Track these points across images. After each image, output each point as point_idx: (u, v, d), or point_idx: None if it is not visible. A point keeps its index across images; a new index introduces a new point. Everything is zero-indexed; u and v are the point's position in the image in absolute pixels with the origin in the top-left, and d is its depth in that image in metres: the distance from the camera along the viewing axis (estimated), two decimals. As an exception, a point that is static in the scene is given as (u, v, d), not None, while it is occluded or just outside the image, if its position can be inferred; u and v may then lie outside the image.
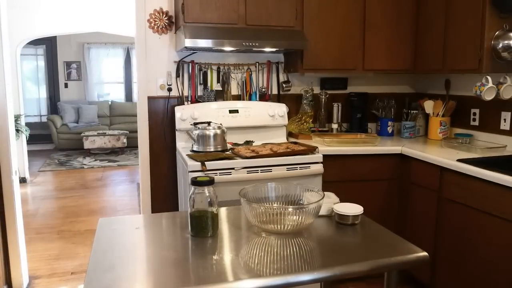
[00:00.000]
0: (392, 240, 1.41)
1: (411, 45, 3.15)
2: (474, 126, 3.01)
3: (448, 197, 2.43)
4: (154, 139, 3.13)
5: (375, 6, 3.07)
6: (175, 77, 3.11)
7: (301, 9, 2.95)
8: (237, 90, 3.24)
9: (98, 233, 1.44)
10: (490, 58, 2.51)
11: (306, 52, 2.98)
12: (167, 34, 3.07)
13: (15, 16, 5.80)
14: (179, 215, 1.66)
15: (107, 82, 9.64)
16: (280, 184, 1.63)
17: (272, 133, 3.14)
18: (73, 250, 3.61)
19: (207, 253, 1.29)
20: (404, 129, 3.25)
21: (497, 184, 2.06)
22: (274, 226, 1.40)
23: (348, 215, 1.51)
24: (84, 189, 5.70)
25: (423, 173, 2.63)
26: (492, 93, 2.60)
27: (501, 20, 2.48)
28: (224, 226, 1.51)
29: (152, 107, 3.11)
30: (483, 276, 2.21)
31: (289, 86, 3.26)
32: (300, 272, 1.17)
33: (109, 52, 9.46)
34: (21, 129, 6.11)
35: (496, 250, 2.12)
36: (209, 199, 1.37)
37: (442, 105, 3.11)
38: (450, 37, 2.77)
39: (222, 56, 3.17)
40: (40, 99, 9.58)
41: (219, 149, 2.66)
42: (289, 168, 2.55)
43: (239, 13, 2.81)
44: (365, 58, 3.12)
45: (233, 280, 1.12)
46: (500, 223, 2.07)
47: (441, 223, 2.50)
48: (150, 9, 3.01)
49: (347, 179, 2.80)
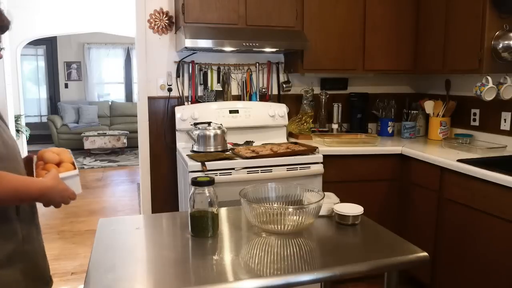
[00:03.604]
0: (392, 240, 1.41)
1: (412, 46, 3.15)
2: (474, 126, 3.01)
3: (448, 197, 2.43)
4: (154, 139, 3.13)
5: (375, 6, 3.07)
6: (175, 77, 3.11)
7: (301, 9, 2.95)
8: (237, 90, 3.24)
9: (99, 233, 1.45)
10: (490, 59, 2.51)
11: (306, 53, 2.98)
12: (167, 34, 3.07)
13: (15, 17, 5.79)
14: (179, 215, 1.66)
15: (108, 82, 9.64)
16: (280, 184, 1.63)
17: (272, 133, 3.14)
18: (73, 251, 3.61)
19: (207, 253, 1.29)
20: (404, 129, 3.24)
21: (498, 184, 2.06)
22: (274, 226, 1.40)
23: (348, 215, 1.51)
24: (84, 189, 5.70)
25: (424, 173, 2.63)
26: (492, 93, 2.60)
27: (501, 21, 2.48)
28: (224, 226, 1.51)
29: (152, 107, 3.11)
30: (483, 276, 2.21)
31: (289, 86, 3.27)
32: (300, 272, 1.17)
33: (109, 52, 9.46)
34: (22, 129, 6.11)
35: (496, 250, 2.12)
36: (210, 199, 1.37)
37: (442, 105, 3.10)
38: (451, 38, 2.77)
39: (222, 56, 3.17)
40: (40, 99, 9.58)
41: (219, 149, 2.66)
42: (289, 168, 2.55)
43: (239, 13, 2.81)
44: (365, 58, 3.12)
45: (233, 280, 1.12)
46: (500, 223, 2.07)
47: (441, 223, 2.50)
48: (150, 9, 3.01)
49: (347, 179, 2.80)
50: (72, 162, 1.41)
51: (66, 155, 1.43)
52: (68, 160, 1.41)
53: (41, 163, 1.38)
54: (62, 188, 1.24)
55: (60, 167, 1.37)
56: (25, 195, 1.17)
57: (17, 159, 1.33)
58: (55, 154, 1.40)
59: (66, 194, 1.24)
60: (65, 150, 1.50)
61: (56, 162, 1.38)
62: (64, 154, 1.43)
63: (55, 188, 1.21)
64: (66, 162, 1.40)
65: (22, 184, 1.17)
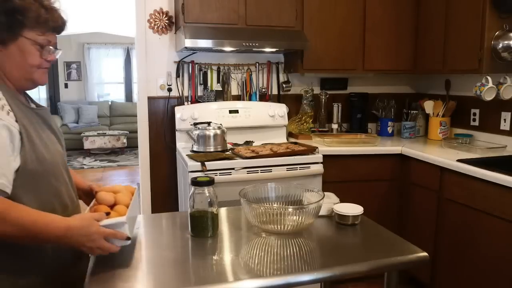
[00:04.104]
0: (392, 240, 1.41)
1: (411, 46, 3.15)
2: (474, 126, 3.01)
3: (448, 197, 2.43)
4: (154, 139, 3.13)
5: (375, 6, 3.07)
6: (175, 77, 3.11)
7: (301, 9, 2.95)
8: (237, 90, 3.24)
9: (98, 233, 1.44)
10: (490, 58, 2.51)
11: (306, 53, 2.98)
12: (167, 34, 3.07)
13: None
14: (179, 215, 1.66)
15: (107, 82, 9.63)
16: (280, 184, 1.63)
17: (272, 133, 3.14)
18: (73, 250, 3.60)
19: (207, 254, 1.29)
20: (404, 129, 3.24)
21: (497, 184, 2.06)
22: (274, 226, 1.40)
23: (348, 215, 1.51)
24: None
25: (423, 173, 2.63)
26: (492, 93, 2.60)
27: (501, 21, 2.48)
28: (224, 226, 1.51)
29: (152, 107, 3.10)
30: (483, 277, 2.21)
31: (289, 86, 3.26)
32: (300, 272, 1.17)
33: (109, 52, 9.45)
34: (21, 129, 6.10)
35: (496, 250, 2.11)
36: (209, 199, 1.37)
37: (442, 105, 3.10)
38: (450, 38, 2.77)
39: (222, 56, 3.17)
40: (40, 99, 9.53)
41: (219, 149, 2.66)
42: (289, 168, 2.55)
43: (239, 13, 2.80)
44: (365, 58, 3.12)
45: (233, 280, 1.12)
46: (500, 223, 2.07)
47: (441, 223, 2.50)
48: (150, 9, 3.01)
49: (347, 179, 2.80)
50: (127, 204, 1.28)
51: (123, 197, 1.30)
52: (124, 202, 1.28)
53: (95, 203, 1.28)
54: (94, 231, 1.10)
55: (113, 210, 1.23)
56: (40, 233, 1.06)
57: (61, 178, 1.24)
58: (110, 195, 1.28)
59: (96, 238, 1.10)
60: (129, 189, 1.38)
61: (110, 204, 1.26)
62: (122, 195, 1.30)
63: (81, 229, 1.09)
64: (121, 204, 1.27)
65: (36, 220, 1.06)
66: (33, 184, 1.14)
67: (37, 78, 1.24)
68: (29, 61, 1.20)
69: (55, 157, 1.24)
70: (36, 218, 1.07)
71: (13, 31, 1.16)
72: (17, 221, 1.03)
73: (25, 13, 1.15)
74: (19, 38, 1.17)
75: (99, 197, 1.27)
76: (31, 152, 1.14)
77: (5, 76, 1.20)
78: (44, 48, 1.22)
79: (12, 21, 1.15)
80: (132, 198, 1.33)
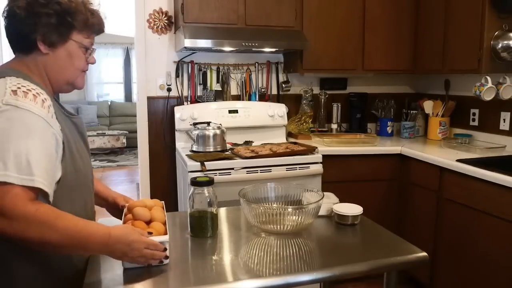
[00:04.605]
0: (392, 240, 1.41)
1: (411, 45, 3.15)
2: (474, 126, 3.01)
3: (448, 197, 2.43)
4: (153, 139, 3.13)
5: (374, 6, 3.07)
6: (175, 77, 3.10)
7: (300, 9, 2.94)
8: (236, 90, 3.24)
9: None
10: (489, 58, 2.51)
11: (305, 52, 2.98)
12: (167, 34, 3.07)
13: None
14: (179, 215, 1.66)
15: (107, 82, 9.62)
16: (280, 184, 1.63)
17: (272, 133, 3.13)
18: (72, 250, 3.60)
19: (207, 254, 1.29)
20: (404, 129, 3.24)
21: (497, 184, 2.06)
22: (274, 227, 1.40)
23: (348, 215, 1.51)
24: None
25: (423, 173, 2.63)
26: (491, 93, 2.60)
27: (500, 20, 2.48)
28: (223, 226, 1.51)
29: (151, 107, 3.10)
30: (483, 277, 2.21)
31: (288, 86, 3.26)
32: (300, 272, 1.17)
33: (108, 52, 9.44)
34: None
35: (496, 250, 2.12)
36: (209, 199, 1.37)
37: (441, 105, 3.11)
38: (450, 38, 2.77)
39: (221, 56, 3.17)
40: (39, 99, 9.56)
41: (219, 149, 2.66)
42: (288, 168, 2.55)
43: (238, 13, 2.80)
44: (364, 58, 3.12)
45: (232, 280, 1.12)
46: (499, 223, 2.07)
47: (441, 223, 2.50)
48: (149, 9, 3.01)
49: (346, 179, 2.80)
50: (164, 221, 1.25)
51: (158, 213, 1.28)
52: (160, 219, 1.25)
53: (130, 216, 1.25)
54: (134, 239, 1.06)
55: (150, 226, 1.20)
56: (85, 242, 1.02)
57: (88, 189, 1.22)
58: (146, 210, 1.25)
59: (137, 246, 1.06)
60: (158, 204, 1.36)
61: (147, 220, 1.23)
62: (157, 210, 1.29)
63: (122, 237, 1.05)
64: (157, 221, 1.24)
65: (81, 230, 1.01)
66: (69, 196, 1.11)
67: (78, 82, 1.22)
68: (75, 64, 1.18)
69: (87, 169, 1.23)
70: (82, 227, 1.03)
71: (63, 34, 1.14)
72: (64, 229, 1.00)
73: (74, 16, 1.14)
74: (68, 41, 1.15)
75: (136, 212, 1.24)
76: (70, 164, 1.12)
77: (48, 80, 1.17)
78: (87, 51, 1.21)
79: (62, 24, 1.12)
80: (165, 214, 1.31)
